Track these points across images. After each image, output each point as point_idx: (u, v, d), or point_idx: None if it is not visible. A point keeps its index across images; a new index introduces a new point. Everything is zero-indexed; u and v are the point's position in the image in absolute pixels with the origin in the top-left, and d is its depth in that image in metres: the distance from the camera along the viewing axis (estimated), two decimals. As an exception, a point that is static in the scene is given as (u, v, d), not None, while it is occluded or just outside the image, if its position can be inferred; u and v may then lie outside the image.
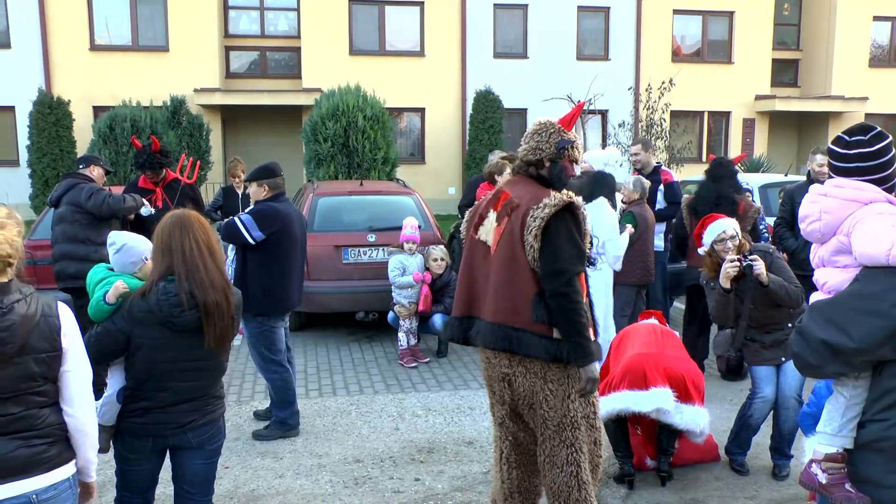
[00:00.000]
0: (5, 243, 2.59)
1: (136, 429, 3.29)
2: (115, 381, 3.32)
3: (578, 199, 3.54)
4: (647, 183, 7.44)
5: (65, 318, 2.75)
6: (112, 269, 3.53)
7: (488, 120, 20.38)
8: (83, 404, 2.80)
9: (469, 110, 21.16)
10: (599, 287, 6.57)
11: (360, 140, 15.39)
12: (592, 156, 8.23)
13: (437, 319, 7.67)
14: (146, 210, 6.94)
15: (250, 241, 5.45)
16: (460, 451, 5.50)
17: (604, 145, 21.04)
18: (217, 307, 3.25)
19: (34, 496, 2.66)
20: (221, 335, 3.31)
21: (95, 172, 7.09)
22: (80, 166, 7.12)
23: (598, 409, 3.69)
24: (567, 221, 3.47)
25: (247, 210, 5.67)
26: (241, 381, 7.15)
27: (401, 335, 7.67)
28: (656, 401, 4.61)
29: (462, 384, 7.04)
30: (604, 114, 21.77)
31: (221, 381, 3.51)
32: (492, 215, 3.68)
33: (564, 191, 3.57)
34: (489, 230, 3.67)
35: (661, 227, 7.80)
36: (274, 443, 5.66)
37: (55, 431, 2.73)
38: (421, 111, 21.84)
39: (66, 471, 2.77)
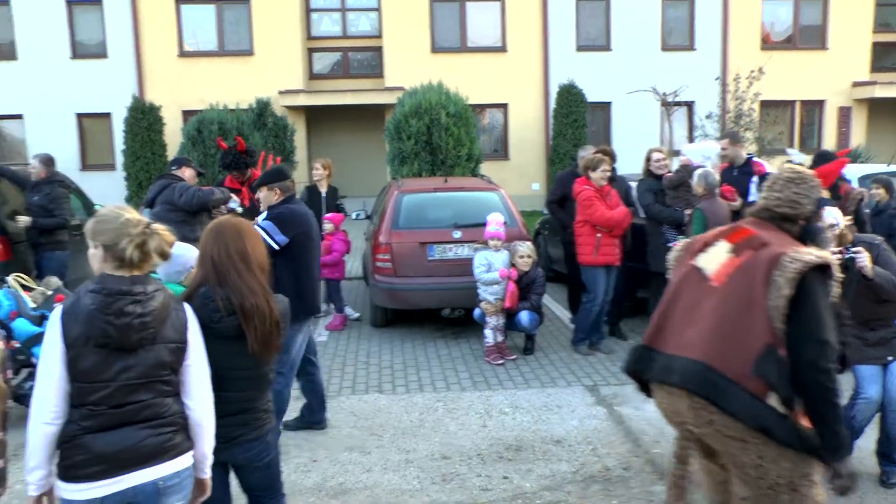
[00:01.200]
0: (168, 233, 2.85)
1: None
2: None
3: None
4: (716, 177, 7.16)
5: (189, 313, 2.93)
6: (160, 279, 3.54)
7: (572, 114, 20.17)
8: (203, 398, 2.94)
9: (552, 105, 20.99)
10: None
11: (443, 137, 15.39)
12: (691, 149, 8.03)
13: (524, 316, 7.59)
14: (234, 203, 7.07)
15: (275, 246, 5.23)
16: (548, 450, 5.42)
17: (690, 138, 20.57)
18: (257, 310, 3.16)
19: (161, 482, 2.82)
20: (265, 340, 3.19)
21: (187, 173, 7.29)
22: (173, 168, 7.33)
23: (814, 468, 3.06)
24: (825, 284, 3.02)
25: (263, 216, 5.47)
26: (328, 375, 7.22)
27: (487, 332, 7.62)
28: None
29: (549, 382, 6.95)
30: (690, 105, 21.23)
31: (268, 395, 3.40)
32: (722, 245, 3.22)
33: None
34: (714, 259, 3.20)
35: None
36: (361, 438, 5.69)
37: (178, 420, 2.87)
38: (504, 107, 21.75)
39: (188, 459, 2.91)
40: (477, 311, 7.80)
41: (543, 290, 7.89)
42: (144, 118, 19.64)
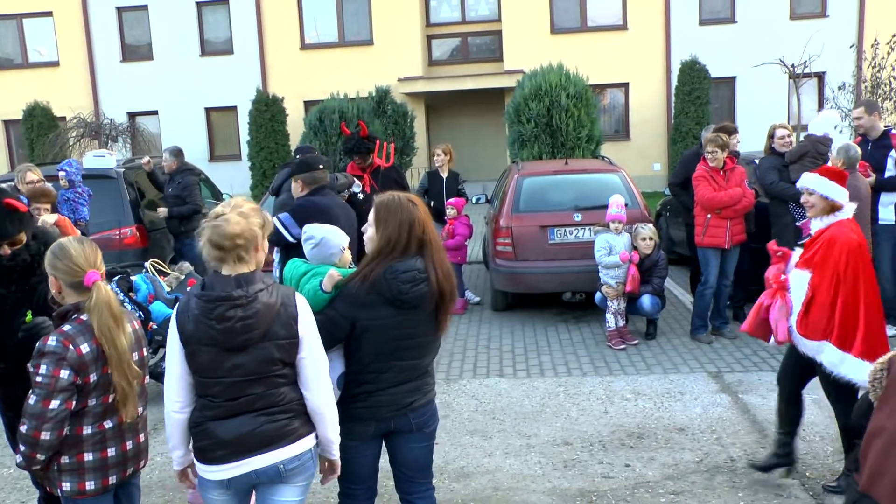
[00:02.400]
0: (238, 226, 2.80)
1: (359, 413, 3.28)
2: (333, 368, 3.25)
3: None
4: (857, 151, 6.76)
5: (301, 307, 2.96)
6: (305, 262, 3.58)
7: (695, 91, 19.56)
8: (319, 389, 2.99)
9: (674, 82, 20.38)
10: None
11: (563, 119, 15.21)
12: (814, 122, 7.74)
13: (646, 300, 7.45)
14: (357, 187, 7.20)
15: (291, 239, 5.07)
16: (671, 438, 5.32)
17: (819, 111, 19.54)
18: (449, 280, 3.29)
19: (282, 466, 2.93)
20: (451, 308, 3.38)
21: None
22: (297, 156, 7.53)
23: None
24: None
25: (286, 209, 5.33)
26: (449, 359, 7.32)
27: (608, 316, 7.52)
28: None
29: (672, 368, 6.80)
30: (820, 76, 20.06)
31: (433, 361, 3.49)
32: None
33: None
34: None
35: (892, 198, 7.13)
36: (482, 422, 5.75)
37: (295, 407, 2.96)
38: (624, 86, 21.31)
39: (308, 442, 3.01)
40: (598, 295, 7.72)
41: (666, 274, 7.72)
42: (268, 110, 20.44)
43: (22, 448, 2.96)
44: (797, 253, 4.47)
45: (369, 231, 3.30)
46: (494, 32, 22.10)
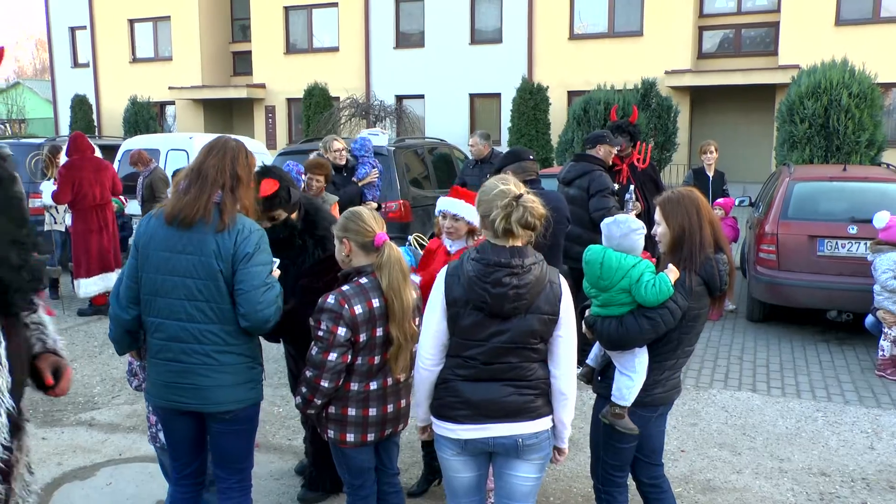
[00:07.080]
0: (541, 208, 2.97)
1: (656, 399, 3.45)
2: (641, 354, 3.38)
3: None
4: None
5: (565, 287, 3.08)
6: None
7: None
8: (568, 369, 3.07)
9: (983, 83, 18.02)
10: None
11: (842, 120, 14.00)
12: None
13: (929, 330, 6.73)
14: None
15: None
16: (952, 486, 4.78)
17: None
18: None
19: (520, 440, 3.02)
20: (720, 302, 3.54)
21: (601, 151, 6.97)
22: (588, 146, 7.14)
23: None
24: None
25: None
26: (699, 365, 7.09)
27: (883, 343, 6.83)
28: None
29: (956, 407, 6.10)
30: None
31: None
32: None
33: None
34: None
35: None
36: (732, 436, 5.50)
37: (541, 385, 3.05)
38: (919, 86, 19.18)
39: (547, 423, 3.08)
40: (869, 319, 7.08)
41: (959, 305, 6.89)
42: (532, 98, 20.83)
43: (303, 390, 3.29)
44: None
45: (660, 229, 3.42)
46: (771, 24, 20.80)
